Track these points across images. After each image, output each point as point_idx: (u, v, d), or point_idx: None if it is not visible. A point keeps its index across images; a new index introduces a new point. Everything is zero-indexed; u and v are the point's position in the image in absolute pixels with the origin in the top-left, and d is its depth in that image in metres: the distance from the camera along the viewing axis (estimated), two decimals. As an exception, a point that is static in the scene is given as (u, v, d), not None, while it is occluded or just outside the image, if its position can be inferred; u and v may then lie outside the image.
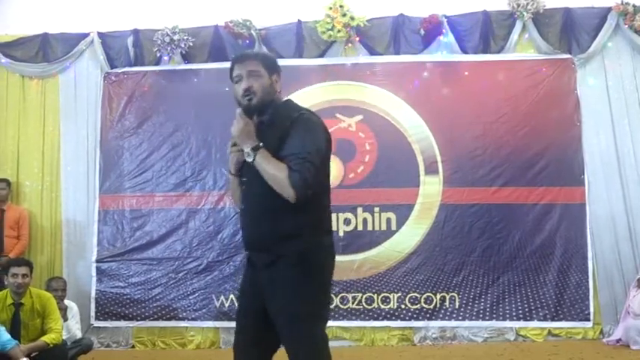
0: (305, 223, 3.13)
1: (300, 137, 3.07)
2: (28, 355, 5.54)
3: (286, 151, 3.04)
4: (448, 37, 7.78)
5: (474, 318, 7.48)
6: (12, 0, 8.35)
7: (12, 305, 5.95)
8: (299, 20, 7.91)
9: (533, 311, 7.42)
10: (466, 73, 7.83)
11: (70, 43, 8.16)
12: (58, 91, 8.22)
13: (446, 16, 7.74)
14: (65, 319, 6.68)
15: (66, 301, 6.94)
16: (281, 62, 7.83)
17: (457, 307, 7.50)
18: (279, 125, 3.12)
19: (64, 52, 8.17)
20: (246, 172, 3.21)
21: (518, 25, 7.71)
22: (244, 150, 3.11)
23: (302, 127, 3.11)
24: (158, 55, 7.99)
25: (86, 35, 8.13)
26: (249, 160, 3.07)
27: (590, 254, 7.44)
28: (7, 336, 5.51)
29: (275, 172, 3.01)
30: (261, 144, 3.08)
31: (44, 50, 8.20)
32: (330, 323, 7.56)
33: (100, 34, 8.11)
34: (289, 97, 3.46)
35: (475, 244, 7.55)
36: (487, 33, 7.76)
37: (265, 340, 3.20)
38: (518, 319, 7.44)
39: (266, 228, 3.11)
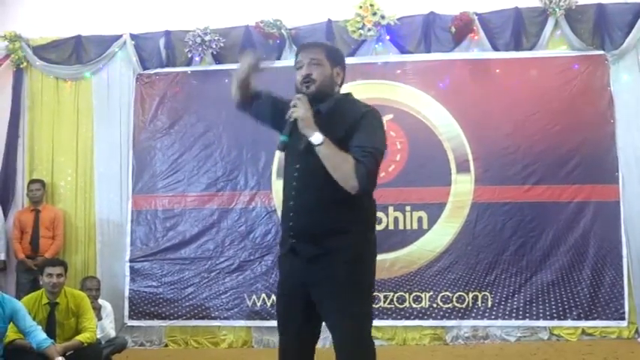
0: (358, 218, 3.15)
1: (368, 132, 3.07)
2: (63, 354, 5.59)
3: (354, 142, 3.01)
4: (479, 35, 7.73)
5: (506, 317, 7.42)
6: (46, 3, 8.46)
7: (47, 305, 6.03)
8: (329, 19, 7.91)
9: (567, 310, 7.35)
10: (497, 70, 7.77)
11: (103, 45, 8.26)
12: (91, 92, 8.32)
13: (477, 14, 7.68)
14: (99, 318, 6.75)
15: (100, 301, 7.01)
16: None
17: (490, 306, 7.45)
18: (345, 117, 3.11)
19: (97, 54, 8.27)
20: (297, 160, 3.16)
21: (551, 22, 7.63)
22: (311, 134, 2.99)
23: (372, 122, 3.13)
24: (189, 55, 8.05)
25: (119, 37, 8.22)
26: (318, 143, 2.96)
27: (624, 252, 7.34)
28: (43, 335, 5.57)
29: (342, 162, 2.96)
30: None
31: (77, 52, 8.30)
32: (362, 322, 7.58)
33: (133, 36, 8.20)
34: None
35: (507, 242, 7.49)
36: (519, 30, 7.69)
37: (309, 336, 3.22)
38: (552, 318, 7.37)
39: (319, 220, 3.07)
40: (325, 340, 3.76)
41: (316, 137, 2.96)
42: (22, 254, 7.75)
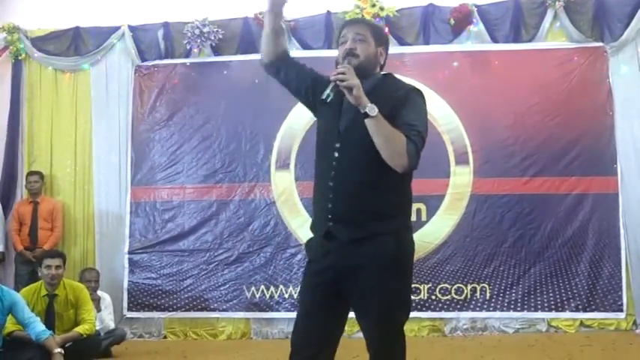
0: (401, 202, 3.02)
1: (416, 110, 2.97)
2: (62, 346, 5.62)
3: (403, 119, 2.87)
4: (478, 27, 7.73)
5: (505, 309, 7.44)
6: (45, -5, 8.46)
7: (46, 296, 6.05)
8: (328, 11, 7.90)
9: (565, 302, 7.36)
10: (497, 62, 7.76)
11: (102, 36, 8.25)
12: (89, 84, 8.31)
13: (476, 5, 7.68)
14: (98, 309, 6.78)
15: (99, 292, 7.04)
16: (310, 53, 7.92)
17: (488, 297, 7.46)
18: (390, 95, 2.96)
19: (95, 45, 8.26)
20: (336, 138, 2.97)
21: (550, 14, 7.63)
22: (366, 103, 2.76)
23: (418, 101, 3.02)
24: (188, 47, 8.04)
25: (117, 29, 8.21)
26: (374, 114, 2.74)
27: (623, 244, 7.35)
28: (41, 327, 5.60)
29: (394, 137, 2.79)
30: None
31: (76, 44, 8.30)
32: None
33: (131, 28, 8.18)
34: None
35: (506, 234, 7.50)
36: (518, 22, 7.69)
37: (336, 322, 3.01)
38: (550, 310, 7.39)
39: (363, 203, 2.90)
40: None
41: (372, 108, 2.75)
42: (20, 246, 7.75)
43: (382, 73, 3.15)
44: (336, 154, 2.95)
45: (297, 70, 3.24)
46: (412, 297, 7.24)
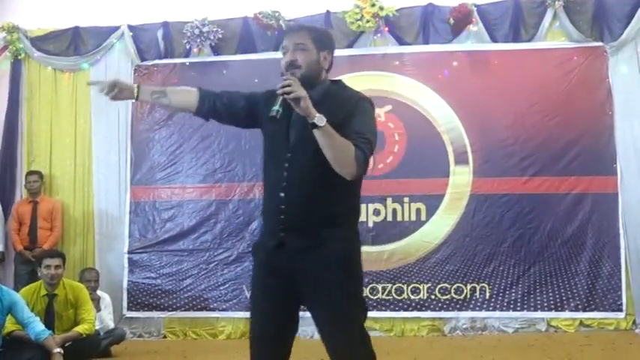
0: (351, 209, 3.08)
1: (365, 119, 2.97)
2: (61, 345, 5.63)
3: (352, 128, 2.88)
4: (478, 26, 7.72)
5: (504, 309, 7.44)
6: (45, -5, 8.45)
7: (46, 296, 6.06)
8: (327, 11, 7.89)
9: (565, 302, 7.36)
10: (496, 62, 7.76)
11: (101, 36, 8.25)
12: (89, 84, 8.30)
13: (475, 5, 7.67)
14: (98, 309, 6.78)
15: (99, 292, 7.04)
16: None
17: (487, 297, 7.46)
18: (340, 104, 2.98)
19: (95, 45, 8.26)
20: (286, 149, 3.00)
21: (549, 13, 7.62)
22: (314, 114, 2.74)
23: (368, 110, 3.02)
24: (188, 47, 8.04)
25: (117, 28, 8.21)
26: (322, 124, 2.73)
27: (622, 244, 7.35)
28: (41, 326, 5.61)
29: (343, 146, 2.80)
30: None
31: (75, 44, 8.30)
32: (360, 313, 7.57)
33: (131, 27, 8.18)
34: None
35: (506, 234, 7.50)
36: (517, 21, 7.68)
37: (288, 334, 3.08)
38: (550, 309, 7.39)
39: (314, 212, 2.94)
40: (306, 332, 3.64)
41: (320, 118, 2.75)
42: (20, 246, 7.75)
43: (331, 79, 3.16)
44: (287, 165, 2.98)
45: (224, 104, 3.25)
46: (412, 296, 7.27)
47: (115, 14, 8.20)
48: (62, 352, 5.52)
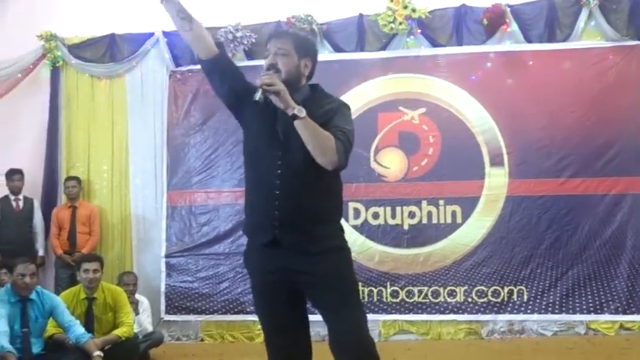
0: (336, 206, 3.22)
1: (345, 119, 3.10)
2: (101, 348, 5.70)
3: (332, 124, 3.02)
4: (512, 27, 7.65)
5: (542, 311, 7.36)
6: (80, 3, 8.53)
7: (85, 300, 6.14)
8: (360, 14, 7.89)
9: (605, 304, 7.26)
10: (531, 62, 7.69)
11: (136, 42, 8.34)
12: (125, 90, 8.40)
13: (509, 5, 7.61)
14: (136, 313, 6.85)
15: (137, 296, 7.11)
16: (343, 56, 7.93)
17: (525, 300, 7.40)
18: (322, 106, 3.10)
19: (130, 51, 8.35)
20: (276, 146, 3.07)
21: (584, 13, 7.53)
22: (294, 106, 2.91)
23: (347, 113, 3.16)
24: (221, 52, 8.06)
25: (151, 35, 8.29)
26: (302, 115, 2.89)
27: (662, 245, 7.26)
28: (81, 330, 5.69)
29: (323, 136, 2.93)
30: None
31: (112, 50, 8.39)
32: (396, 317, 7.62)
33: (165, 34, 8.24)
34: (351, 91, 3.39)
35: (543, 236, 7.42)
36: (552, 21, 7.60)
37: (299, 325, 3.24)
38: (589, 312, 7.29)
39: (306, 208, 3.04)
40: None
41: (300, 110, 2.90)
42: (60, 250, 7.87)
43: (310, 84, 3.23)
44: (279, 162, 3.05)
45: (234, 69, 3.33)
46: (448, 299, 7.24)
47: (149, 21, 8.23)
48: (102, 355, 5.58)
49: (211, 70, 3.32)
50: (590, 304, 7.28)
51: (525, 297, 7.39)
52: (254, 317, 7.75)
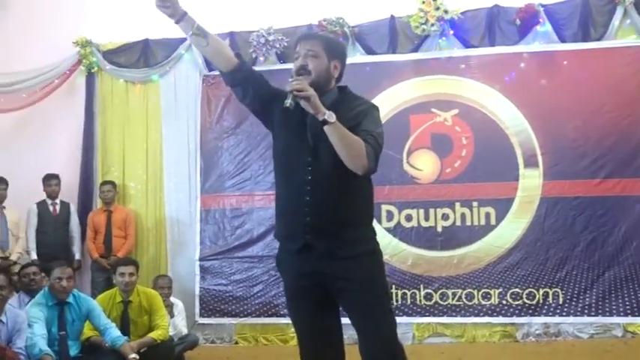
0: (367, 210, 3.20)
1: (375, 122, 3.09)
2: (137, 351, 5.76)
3: (362, 127, 3.00)
4: (545, 27, 7.59)
5: (578, 314, 7.28)
6: (115, 9, 8.63)
7: (121, 303, 6.21)
8: (392, 16, 7.88)
9: (642, 307, 7.18)
10: (565, 62, 7.61)
11: (170, 47, 8.41)
12: (159, 94, 8.49)
13: (542, 5, 7.54)
14: (172, 315, 6.90)
15: (172, 299, 7.16)
16: (375, 58, 7.92)
17: (561, 302, 7.32)
18: (351, 109, 3.09)
19: (164, 56, 8.43)
20: (306, 152, 3.08)
21: (619, 11, 7.44)
22: (324, 112, 2.88)
23: (377, 115, 3.15)
24: (254, 56, 8.10)
25: (185, 40, 8.31)
26: (332, 120, 2.87)
27: (701, 246, 7.13)
28: (117, 332, 5.75)
29: (353, 141, 2.91)
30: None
31: (145, 56, 8.49)
32: (430, 320, 7.60)
33: (198, 38, 8.30)
34: (383, 93, 3.38)
35: (578, 237, 7.34)
36: (586, 20, 7.52)
37: (333, 327, 3.22)
38: (626, 314, 7.20)
39: (338, 213, 3.04)
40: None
41: (330, 115, 2.88)
42: (96, 254, 7.96)
43: (338, 86, 3.22)
44: (310, 168, 3.06)
45: (257, 77, 3.35)
46: (483, 302, 7.21)
47: (183, 26, 8.33)
48: (138, 357, 5.64)
49: (234, 82, 3.31)
50: (627, 306, 7.19)
51: (561, 299, 7.32)
52: (288, 320, 7.73)
